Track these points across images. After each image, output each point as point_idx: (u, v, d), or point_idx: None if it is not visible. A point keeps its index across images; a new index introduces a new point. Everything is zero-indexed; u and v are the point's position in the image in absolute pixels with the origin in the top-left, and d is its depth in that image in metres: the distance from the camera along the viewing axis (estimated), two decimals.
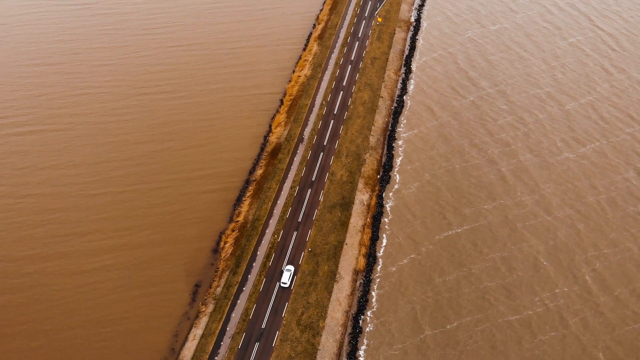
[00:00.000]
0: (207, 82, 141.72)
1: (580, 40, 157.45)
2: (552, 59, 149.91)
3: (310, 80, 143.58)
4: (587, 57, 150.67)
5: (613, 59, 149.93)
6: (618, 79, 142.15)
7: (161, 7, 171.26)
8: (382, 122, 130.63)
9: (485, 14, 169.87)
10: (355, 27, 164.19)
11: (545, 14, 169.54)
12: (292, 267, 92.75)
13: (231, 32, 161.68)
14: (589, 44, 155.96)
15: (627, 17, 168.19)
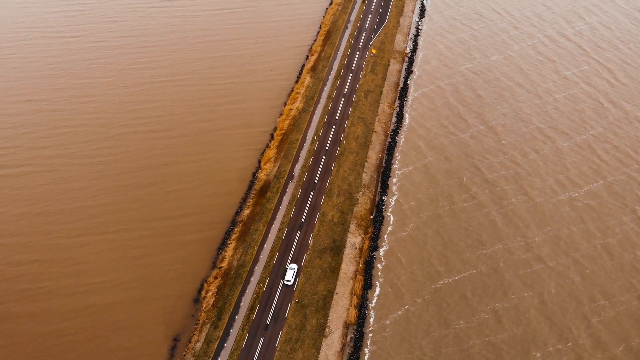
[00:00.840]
0: (196, 118, 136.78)
1: (575, 73, 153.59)
2: (545, 94, 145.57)
3: (302, 114, 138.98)
4: (582, 91, 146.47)
5: (609, 92, 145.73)
6: (614, 115, 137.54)
7: (152, 40, 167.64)
8: (375, 158, 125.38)
9: (480, 46, 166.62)
10: (349, 59, 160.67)
11: (538, 46, 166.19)
12: (295, 265, 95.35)
13: (223, 65, 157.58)
14: (584, 77, 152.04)
15: (622, 48, 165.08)
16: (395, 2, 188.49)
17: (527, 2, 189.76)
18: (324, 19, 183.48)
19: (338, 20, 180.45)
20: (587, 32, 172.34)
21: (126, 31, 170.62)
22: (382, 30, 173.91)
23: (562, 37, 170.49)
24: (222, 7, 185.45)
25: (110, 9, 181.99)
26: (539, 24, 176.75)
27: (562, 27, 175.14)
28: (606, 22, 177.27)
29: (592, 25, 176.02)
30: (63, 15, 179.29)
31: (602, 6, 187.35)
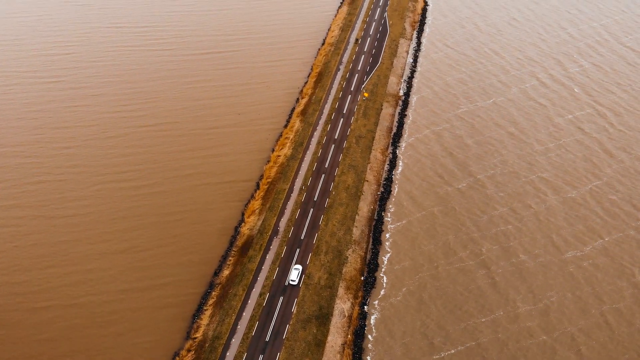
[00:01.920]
0: (178, 168, 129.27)
1: (578, 117, 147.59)
2: (547, 140, 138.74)
3: (290, 161, 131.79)
4: (585, 137, 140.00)
5: (605, 141, 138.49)
6: (611, 166, 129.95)
7: (137, 84, 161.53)
8: (367, 211, 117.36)
9: (476, 88, 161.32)
10: (341, 102, 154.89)
11: (538, 88, 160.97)
12: (300, 266, 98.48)
13: (210, 112, 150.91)
14: (578, 124, 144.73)
15: (618, 92, 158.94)
16: (389, 43, 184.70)
17: (518, 43, 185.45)
18: (315, 60, 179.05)
19: (330, 62, 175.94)
20: (581, 75, 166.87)
21: (110, 75, 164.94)
22: (375, 72, 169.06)
23: (555, 80, 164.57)
24: (211, 49, 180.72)
25: (95, 52, 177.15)
26: (530, 66, 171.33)
27: (555, 70, 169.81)
28: (601, 64, 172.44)
29: (585, 67, 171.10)
30: (46, 58, 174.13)
31: (596, 47, 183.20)
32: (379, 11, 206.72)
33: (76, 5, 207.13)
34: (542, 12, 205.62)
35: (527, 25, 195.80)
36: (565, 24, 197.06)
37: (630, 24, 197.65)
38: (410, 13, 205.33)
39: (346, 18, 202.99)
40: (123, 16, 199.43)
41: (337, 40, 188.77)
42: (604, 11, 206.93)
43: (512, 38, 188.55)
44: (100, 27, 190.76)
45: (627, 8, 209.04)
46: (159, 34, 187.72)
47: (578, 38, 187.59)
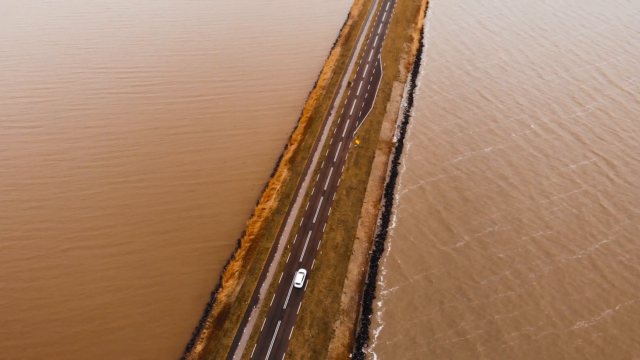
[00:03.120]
0: (155, 226, 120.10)
1: (573, 170, 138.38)
2: (539, 196, 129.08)
3: (275, 216, 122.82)
4: (581, 192, 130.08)
5: (612, 194, 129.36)
6: (620, 222, 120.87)
7: (117, 132, 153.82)
8: (357, 273, 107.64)
9: (473, 135, 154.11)
10: (331, 150, 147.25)
11: (531, 138, 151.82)
12: (304, 270, 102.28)
13: (194, 160, 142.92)
14: (583, 174, 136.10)
15: (625, 139, 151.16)
16: (382, 87, 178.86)
17: (517, 85, 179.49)
18: (306, 104, 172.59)
19: (321, 106, 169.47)
20: (585, 120, 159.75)
21: (90, 123, 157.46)
22: (368, 118, 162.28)
23: (557, 125, 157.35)
24: (198, 95, 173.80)
25: (76, 97, 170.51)
26: (530, 111, 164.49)
27: (557, 114, 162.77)
28: (606, 108, 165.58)
29: (590, 111, 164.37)
30: (24, 103, 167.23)
31: (600, 89, 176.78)
32: (372, 52, 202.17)
33: (62, 46, 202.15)
34: (534, 54, 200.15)
35: (522, 69, 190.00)
36: (559, 67, 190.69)
37: (627, 66, 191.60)
38: (404, 54, 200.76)
39: (339, 60, 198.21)
40: (109, 58, 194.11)
41: (329, 83, 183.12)
42: (600, 53, 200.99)
43: (513, 82, 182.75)
44: (84, 71, 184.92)
45: (624, 49, 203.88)
46: (144, 78, 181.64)
47: (572, 82, 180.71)
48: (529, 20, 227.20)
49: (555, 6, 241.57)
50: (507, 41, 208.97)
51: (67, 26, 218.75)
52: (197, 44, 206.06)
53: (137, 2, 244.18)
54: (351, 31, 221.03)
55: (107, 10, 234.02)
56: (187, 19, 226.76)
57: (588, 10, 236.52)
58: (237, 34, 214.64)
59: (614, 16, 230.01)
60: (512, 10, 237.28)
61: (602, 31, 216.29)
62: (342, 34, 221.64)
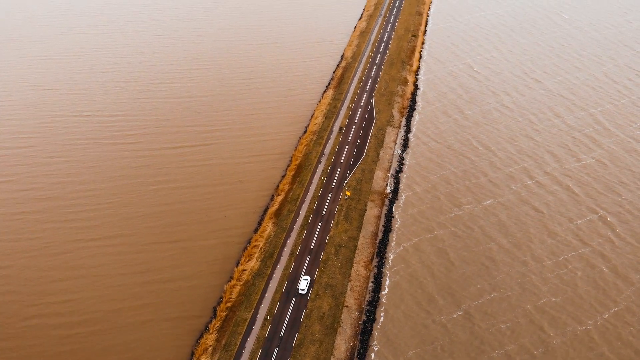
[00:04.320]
0: (122, 298, 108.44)
1: (568, 229, 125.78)
2: (537, 259, 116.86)
3: (256, 279, 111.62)
4: (577, 256, 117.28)
5: (622, 253, 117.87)
6: (621, 290, 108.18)
7: (93, 186, 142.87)
8: (345, 350, 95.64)
9: (472, 187, 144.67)
10: (320, 202, 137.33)
11: (526, 193, 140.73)
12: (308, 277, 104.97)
13: (173, 217, 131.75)
14: (579, 235, 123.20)
15: (625, 193, 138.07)
16: (375, 132, 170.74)
17: (511, 133, 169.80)
18: (296, 150, 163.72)
19: (311, 153, 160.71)
20: (580, 173, 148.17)
21: (65, 174, 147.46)
22: (360, 166, 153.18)
23: (553, 178, 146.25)
24: (183, 143, 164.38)
25: (54, 145, 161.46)
26: (525, 161, 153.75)
27: (552, 166, 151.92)
28: (604, 159, 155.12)
29: (585, 162, 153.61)
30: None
31: (596, 138, 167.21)
32: (365, 96, 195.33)
33: (43, 90, 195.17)
34: (534, 96, 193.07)
35: (518, 112, 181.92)
36: (560, 110, 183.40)
37: (633, 109, 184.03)
38: (399, 98, 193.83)
39: (331, 104, 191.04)
40: (91, 103, 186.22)
41: (320, 128, 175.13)
42: (602, 95, 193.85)
43: (507, 130, 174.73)
44: (64, 117, 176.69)
45: (628, 91, 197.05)
46: (128, 124, 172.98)
47: (575, 127, 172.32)
48: (524, 63, 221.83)
49: (554, 46, 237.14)
50: (502, 85, 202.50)
51: (50, 68, 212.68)
52: (185, 87, 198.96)
53: (125, 42, 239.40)
54: (344, 73, 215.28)
55: (94, 51, 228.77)
56: (176, 61, 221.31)
57: (583, 52, 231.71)
58: (227, 77, 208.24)
59: (608, 58, 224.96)
60: (506, 52, 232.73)
61: (598, 74, 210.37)
62: (334, 76, 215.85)
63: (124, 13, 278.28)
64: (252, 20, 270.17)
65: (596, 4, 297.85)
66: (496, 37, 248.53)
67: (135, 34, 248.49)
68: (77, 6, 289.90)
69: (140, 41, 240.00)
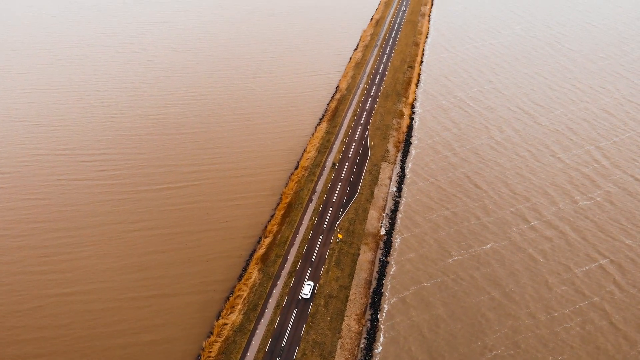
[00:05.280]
0: (92, 357, 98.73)
1: (564, 280, 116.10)
2: (539, 311, 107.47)
3: (237, 335, 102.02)
4: (574, 311, 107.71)
5: (623, 307, 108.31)
6: (636, 345, 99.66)
7: (65, 229, 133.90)
8: None
9: (463, 231, 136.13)
10: (310, 245, 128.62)
11: (528, 236, 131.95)
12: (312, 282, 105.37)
13: (151, 268, 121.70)
14: (575, 286, 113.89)
15: (635, 234, 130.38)
16: (370, 168, 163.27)
17: (511, 169, 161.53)
18: (286, 188, 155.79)
19: (303, 190, 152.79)
20: (578, 216, 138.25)
21: (38, 219, 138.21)
22: (353, 205, 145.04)
23: (556, 219, 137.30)
24: (167, 183, 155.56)
25: (30, 185, 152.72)
26: (526, 200, 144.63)
27: (555, 205, 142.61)
28: (610, 197, 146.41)
29: (583, 204, 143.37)
30: None
31: (595, 177, 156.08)
32: (360, 129, 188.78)
33: (28, 124, 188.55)
34: (529, 132, 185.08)
35: (513, 150, 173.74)
36: (557, 146, 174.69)
37: (633, 146, 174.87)
38: (394, 132, 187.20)
39: (324, 137, 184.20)
40: (75, 138, 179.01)
41: (313, 163, 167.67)
42: (601, 131, 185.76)
43: (507, 166, 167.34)
44: (46, 153, 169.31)
45: (627, 126, 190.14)
46: (111, 162, 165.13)
47: (572, 165, 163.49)
48: (523, 94, 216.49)
49: (549, 78, 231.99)
50: (500, 118, 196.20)
51: (36, 101, 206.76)
52: (174, 122, 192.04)
53: (114, 74, 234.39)
54: (338, 105, 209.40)
55: (83, 83, 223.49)
56: (166, 93, 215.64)
57: (580, 84, 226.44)
58: (218, 111, 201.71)
59: (606, 90, 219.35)
60: (504, 83, 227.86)
61: (602, 105, 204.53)
62: (329, 108, 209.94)
63: (115, 44, 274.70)
64: (246, 52, 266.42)
65: (591, 33, 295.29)
66: (492, 69, 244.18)
67: (126, 65, 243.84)
68: (67, 36, 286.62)
69: (130, 73, 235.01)
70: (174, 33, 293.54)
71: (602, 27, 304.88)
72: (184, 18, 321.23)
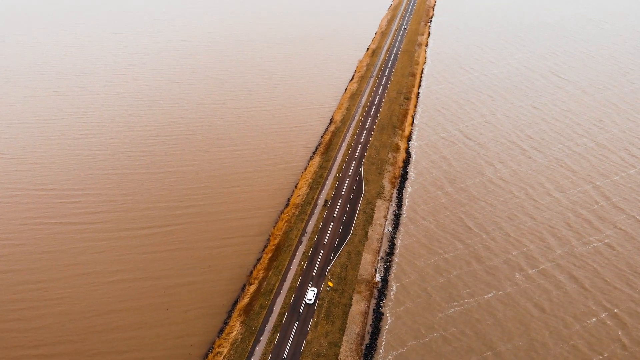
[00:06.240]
0: None
1: (580, 333, 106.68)
2: None
3: None
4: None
5: None
6: None
7: (34, 280, 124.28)
8: None
9: (479, 274, 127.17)
10: (298, 294, 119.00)
11: (523, 286, 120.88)
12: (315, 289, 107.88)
13: (122, 327, 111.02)
14: (590, 338, 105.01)
15: (638, 284, 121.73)
16: (364, 206, 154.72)
17: (506, 210, 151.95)
18: (275, 228, 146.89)
19: (292, 231, 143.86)
20: (587, 260, 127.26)
21: (9, 262, 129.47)
22: (345, 247, 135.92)
23: (553, 266, 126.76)
24: (148, 224, 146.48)
25: (3, 227, 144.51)
26: (521, 245, 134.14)
27: (553, 252, 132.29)
28: (612, 242, 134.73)
29: (592, 246, 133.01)
30: None
31: (604, 216, 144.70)
32: (354, 164, 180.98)
33: (7, 160, 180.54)
34: (531, 166, 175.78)
35: (515, 186, 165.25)
36: (562, 182, 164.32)
37: (633, 185, 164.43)
38: (390, 166, 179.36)
39: (317, 172, 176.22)
40: (55, 175, 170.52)
41: (304, 200, 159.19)
42: (607, 165, 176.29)
43: (502, 207, 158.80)
44: (24, 191, 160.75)
45: (635, 160, 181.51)
46: (92, 202, 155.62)
47: (579, 203, 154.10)
48: (519, 128, 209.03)
49: (546, 111, 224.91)
50: (497, 154, 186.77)
51: (19, 134, 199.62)
52: (160, 158, 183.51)
53: (102, 106, 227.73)
54: (332, 138, 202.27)
55: (68, 115, 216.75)
56: (154, 126, 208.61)
57: (584, 116, 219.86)
58: (207, 146, 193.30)
59: (611, 122, 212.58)
60: (500, 116, 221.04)
61: (601, 140, 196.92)
62: (322, 141, 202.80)
63: (106, 74, 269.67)
64: (239, 83, 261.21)
65: (595, 63, 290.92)
66: (488, 101, 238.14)
67: (115, 97, 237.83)
68: (58, 67, 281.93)
69: (119, 105, 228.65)
70: (167, 63, 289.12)
71: (601, 57, 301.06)
72: (178, 48, 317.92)
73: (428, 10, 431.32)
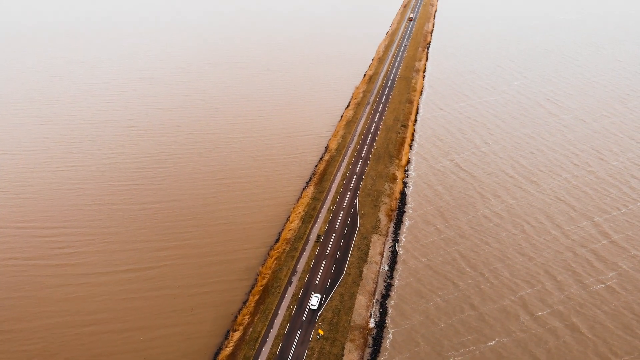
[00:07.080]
0: None
1: None
2: None
3: None
4: None
5: None
6: None
7: (3, 326, 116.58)
8: None
9: (456, 327, 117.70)
10: (285, 344, 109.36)
11: (520, 336, 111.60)
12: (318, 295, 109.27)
13: None
14: None
15: None
16: (358, 242, 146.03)
17: (500, 249, 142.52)
18: (263, 266, 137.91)
19: (282, 270, 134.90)
20: (588, 305, 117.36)
21: None
22: (338, 289, 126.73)
23: (551, 315, 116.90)
24: (132, 265, 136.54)
25: None
26: (517, 289, 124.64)
27: (551, 296, 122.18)
28: (614, 285, 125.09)
29: (593, 289, 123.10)
30: None
31: (604, 255, 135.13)
32: (349, 195, 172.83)
33: None
34: (528, 200, 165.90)
35: (511, 221, 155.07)
36: (560, 218, 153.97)
37: (634, 219, 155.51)
38: (386, 198, 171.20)
39: (310, 204, 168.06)
40: (33, 210, 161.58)
41: (295, 235, 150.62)
42: (607, 199, 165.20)
43: (497, 246, 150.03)
44: (1, 228, 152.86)
45: (636, 193, 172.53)
46: (70, 240, 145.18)
47: (578, 241, 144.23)
48: (521, 157, 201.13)
49: (544, 142, 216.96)
50: (494, 187, 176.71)
51: (3, 165, 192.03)
52: (146, 191, 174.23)
53: (90, 135, 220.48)
54: (327, 168, 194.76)
55: (54, 145, 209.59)
56: (142, 158, 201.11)
57: (582, 146, 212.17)
58: (197, 179, 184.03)
59: (610, 152, 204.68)
60: (500, 145, 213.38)
61: (606, 170, 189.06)
62: (316, 170, 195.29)
63: (96, 101, 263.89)
64: (233, 110, 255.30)
65: (592, 89, 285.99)
66: (488, 129, 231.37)
67: (104, 125, 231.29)
68: (47, 93, 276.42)
69: (107, 134, 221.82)
70: (160, 90, 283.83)
71: (602, 83, 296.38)
72: (171, 75, 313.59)
73: (426, 35, 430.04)
